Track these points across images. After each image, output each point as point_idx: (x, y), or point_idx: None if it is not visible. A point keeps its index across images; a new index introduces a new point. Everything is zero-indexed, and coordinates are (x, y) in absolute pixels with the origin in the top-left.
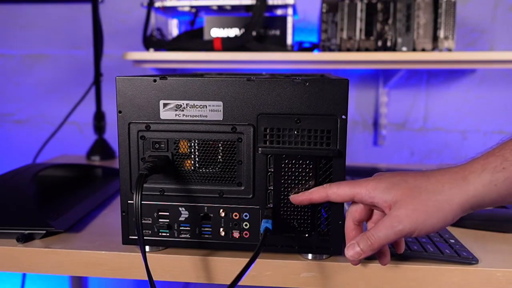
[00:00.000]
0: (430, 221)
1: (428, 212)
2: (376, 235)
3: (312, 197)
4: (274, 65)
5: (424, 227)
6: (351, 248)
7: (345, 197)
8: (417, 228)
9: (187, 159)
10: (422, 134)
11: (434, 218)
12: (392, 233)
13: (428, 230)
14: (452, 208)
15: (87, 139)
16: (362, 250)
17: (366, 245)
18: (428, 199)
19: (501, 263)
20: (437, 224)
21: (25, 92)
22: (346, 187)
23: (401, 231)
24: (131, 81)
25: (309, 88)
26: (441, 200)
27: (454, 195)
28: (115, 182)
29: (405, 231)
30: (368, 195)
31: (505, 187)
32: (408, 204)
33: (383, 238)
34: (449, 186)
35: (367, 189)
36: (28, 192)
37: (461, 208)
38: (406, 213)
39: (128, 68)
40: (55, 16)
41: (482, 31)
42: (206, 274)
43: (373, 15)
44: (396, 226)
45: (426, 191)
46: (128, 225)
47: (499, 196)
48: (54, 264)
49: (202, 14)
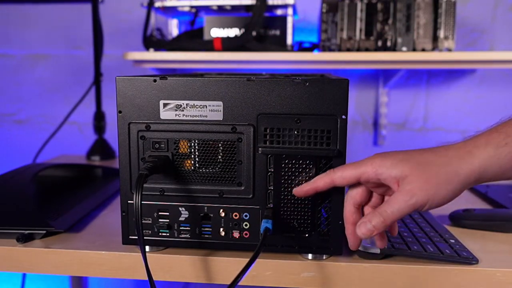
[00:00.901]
0: (441, 193)
1: (439, 184)
2: (390, 210)
3: (317, 186)
4: (274, 65)
5: (436, 199)
6: (363, 225)
7: (351, 179)
8: (429, 200)
9: (187, 159)
10: (422, 134)
11: (445, 189)
12: (405, 207)
13: (439, 202)
14: (460, 179)
15: (87, 139)
16: (374, 227)
17: (379, 222)
18: (438, 172)
19: (501, 263)
20: (447, 195)
21: (25, 92)
22: (351, 169)
23: (414, 204)
24: (131, 81)
25: (309, 88)
26: (450, 172)
27: (461, 167)
28: (115, 182)
29: (418, 204)
30: (375, 173)
31: (507, 161)
32: (419, 177)
33: (397, 213)
34: (456, 159)
35: (373, 167)
36: (28, 192)
37: (467, 180)
38: (418, 186)
39: (128, 68)
40: (55, 16)
41: (482, 31)
42: (206, 274)
43: (373, 15)
44: (410, 199)
45: (434, 164)
46: (128, 225)
47: (500, 169)
48: (54, 264)
49: (202, 14)
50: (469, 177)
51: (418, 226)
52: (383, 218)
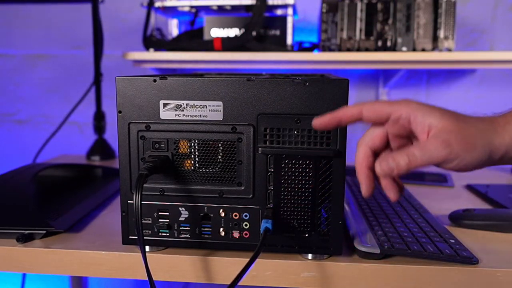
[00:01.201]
0: (473, 155)
1: (475, 146)
2: (419, 154)
3: (341, 116)
4: (274, 65)
5: (466, 159)
6: (384, 162)
7: (381, 113)
8: (459, 158)
9: (187, 159)
10: None
11: (477, 154)
12: (436, 155)
13: (466, 164)
14: (491, 149)
15: (87, 139)
16: (397, 166)
17: (404, 162)
18: (476, 135)
19: (501, 263)
20: (476, 161)
21: (25, 92)
22: (384, 103)
23: (446, 155)
24: (131, 81)
25: (309, 88)
26: (486, 139)
27: (494, 139)
28: (115, 182)
29: (450, 156)
30: (409, 114)
31: None
32: (459, 132)
33: (425, 159)
34: (491, 130)
35: (409, 108)
36: (28, 192)
37: (495, 154)
38: (456, 139)
39: (128, 68)
40: (55, 16)
41: (482, 31)
42: (206, 274)
43: (373, 15)
44: (444, 149)
45: (474, 126)
46: (128, 225)
47: None
48: (54, 264)
49: (202, 14)
50: (498, 151)
51: (418, 226)
52: (408, 160)
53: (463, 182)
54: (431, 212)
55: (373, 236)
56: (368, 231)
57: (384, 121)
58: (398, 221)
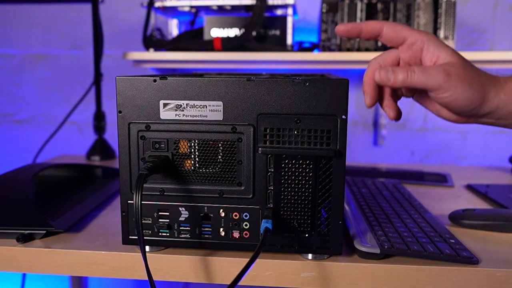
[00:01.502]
0: (466, 93)
1: (472, 86)
2: (418, 72)
3: (363, 26)
4: (274, 65)
5: (458, 94)
6: (384, 71)
7: (400, 33)
8: (452, 90)
9: (187, 159)
10: (422, 134)
11: (471, 94)
12: (432, 79)
13: (458, 100)
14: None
15: (87, 139)
16: (393, 78)
17: (402, 76)
18: (476, 78)
19: (501, 263)
20: (468, 100)
21: (25, 92)
22: (404, 26)
23: (443, 82)
24: (131, 81)
25: (309, 88)
26: (484, 86)
27: (490, 90)
28: (115, 182)
29: (444, 85)
30: (424, 42)
31: None
32: (460, 69)
33: (422, 79)
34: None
35: (426, 37)
36: (28, 192)
37: (488, 106)
38: (456, 73)
39: (128, 68)
40: (55, 16)
41: (482, 31)
42: (206, 274)
43: (373, 15)
44: (443, 76)
45: (477, 72)
46: (128, 225)
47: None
48: (54, 264)
49: (202, 14)
50: (490, 103)
51: (418, 226)
52: (406, 75)
53: (463, 182)
54: (431, 212)
55: (373, 236)
56: (368, 231)
57: (400, 43)
58: (398, 221)
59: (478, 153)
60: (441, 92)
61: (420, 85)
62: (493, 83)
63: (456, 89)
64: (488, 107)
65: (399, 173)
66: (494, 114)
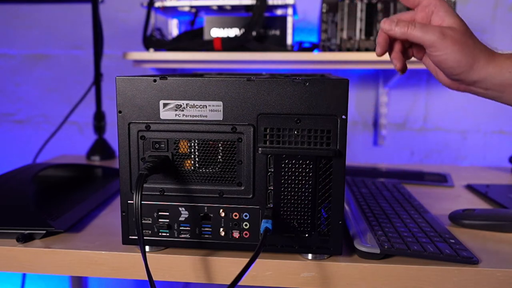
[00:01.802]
0: (457, 55)
1: (464, 50)
2: (417, 27)
3: None
4: (274, 65)
5: (448, 54)
6: (388, 21)
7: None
8: (445, 50)
9: (187, 159)
10: (422, 134)
11: (461, 57)
12: (428, 36)
13: (448, 60)
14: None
15: (87, 139)
16: (395, 28)
17: (403, 29)
18: (471, 46)
19: (501, 263)
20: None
21: (25, 92)
22: None
23: (435, 40)
24: (131, 81)
25: (309, 88)
26: (476, 55)
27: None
28: (115, 182)
29: (437, 42)
30: (435, 6)
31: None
32: (458, 34)
33: (419, 34)
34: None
35: (439, 2)
36: (28, 192)
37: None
38: (451, 36)
39: (128, 68)
40: (55, 16)
41: (482, 31)
42: (206, 274)
43: (373, 15)
44: (437, 35)
45: (475, 41)
46: (128, 225)
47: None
48: (54, 264)
49: (202, 14)
50: (479, 72)
51: (418, 226)
52: (407, 28)
53: (463, 182)
54: (431, 212)
55: (373, 236)
56: (368, 231)
57: (416, 4)
58: (398, 221)
59: (478, 153)
60: (434, 50)
61: (417, 39)
62: (485, 54)
63: (446, 49)
64: (475, 75)
65: (399, 173)
66: (482, 83)
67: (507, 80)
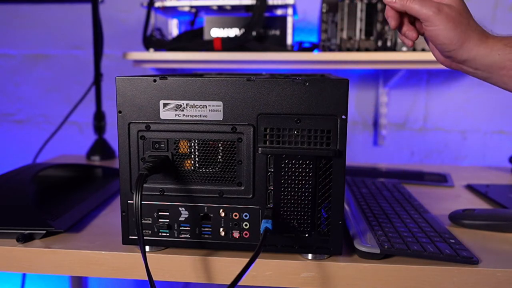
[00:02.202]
0: (449, 32)
1: (456, 28)
2: (416, 1)
3: None
4: (274, 65)
5: (441, 29)
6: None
7: None
8: (438, 26)
9: (187, 159)
10: (422, 134)
11: (453, 34)
12: (424, 10)
13: (440, 36)
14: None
15: (87, 139)
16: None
17: (403, 1)
18: (464, 25)
19: (501, 263)
20: (449, 39)
21: (25, 92)
22: None
23: (431, 15)
24: (131, 81)
25: (309, 88)
26: (469, 35)
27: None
28: (115, 182)
29: (432, 18)
30: None
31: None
32: (453, 13)
33: (416, 8)
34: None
35: None
36: (28, 192)
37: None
38: (447, 13)
39: (128, 68)
40: (55, 16)
41: None
42: (206, 274)
43: (373, 15)
44: (433, 11)
45: (469, 21)
46: (128, 225)
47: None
48: (54, 264)
49: (202, 14)
50: (469, 51)
51: (418, 226)
52: (406, 1)
53: (463, 182)
54: (431, 212)
55: (373, 236)
56: (368, 231)
57: None
58: (398, 221)
59: (478, 153)
60: (428, 24)
61: (415, 12)
62: (478, 34)
63: (440, 25)
64: (466, 54)
65: (399, 173)
66: (471, 63)
67: (496, 62)
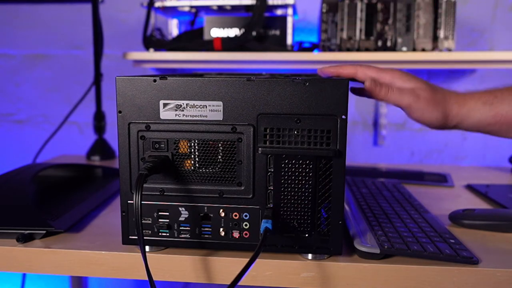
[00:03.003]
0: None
1: (437, 107)
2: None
3: (342, 72)
4: (274, 65)
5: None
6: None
7: (371, 76)
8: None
9: (187, 159)
10: (422, 134)
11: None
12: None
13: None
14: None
15: (87, 139)
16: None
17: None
18: (441, 100)
19: (501, 263)
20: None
21: (25, 92)
22: (373, 69)
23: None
24: (131, 81)
25: (309, 88)
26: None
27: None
28: (115, 182)
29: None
30: (391, 81)
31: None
32: (428, 92)
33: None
34: (454, 102)
35: (392, 77)
36: (28, 192)
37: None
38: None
39: (128, 68)
40: (55, 16)
41: (482, 31)
42: (206, 274)
43: (373, 15)
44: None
45: (442, 94)
46: (128, 225)
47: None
48: (54, 264)
49: (202, 14)
50: (453, 118)
51: (418, 226)
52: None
53: (463, 182)
54: (431, 212)
55: (373, 236)
56: (368, 231)
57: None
58: (398, 221)
59: (478, 153)
60: (411, 111)
61: (395, 103)
62: (457, 101)
63: (422, 110)
64: (453, 121)
65: (399, 173)
66: (461, 125)
67: (481, 120)
